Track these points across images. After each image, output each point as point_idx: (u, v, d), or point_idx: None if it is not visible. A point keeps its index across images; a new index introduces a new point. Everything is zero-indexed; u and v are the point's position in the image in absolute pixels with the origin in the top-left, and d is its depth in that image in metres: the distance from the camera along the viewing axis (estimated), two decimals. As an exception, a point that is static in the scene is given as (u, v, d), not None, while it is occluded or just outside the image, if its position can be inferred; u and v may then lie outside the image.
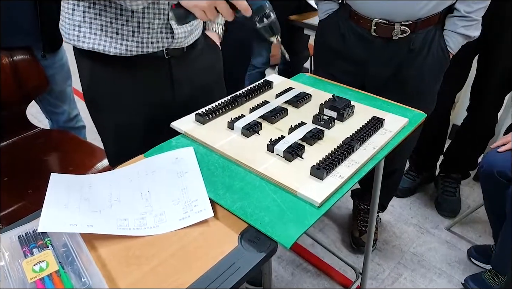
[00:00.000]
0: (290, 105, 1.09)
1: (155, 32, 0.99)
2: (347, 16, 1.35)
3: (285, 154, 0.87)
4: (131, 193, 0.81)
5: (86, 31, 0.96)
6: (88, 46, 0.98)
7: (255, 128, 0.96)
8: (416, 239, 1.86)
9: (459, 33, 1.27)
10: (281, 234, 0.70)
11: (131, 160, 0.90)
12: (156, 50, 1.02)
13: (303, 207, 0.76)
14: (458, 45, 1.30)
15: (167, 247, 0.70)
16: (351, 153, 0.89)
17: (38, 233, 0.69)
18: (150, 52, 1.01)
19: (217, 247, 0.69)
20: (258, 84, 1.17)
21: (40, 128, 1.70)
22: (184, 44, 1.07)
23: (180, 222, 0.74)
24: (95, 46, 0.97)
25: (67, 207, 0.74)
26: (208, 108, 1.03)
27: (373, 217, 1.37)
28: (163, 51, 1.04)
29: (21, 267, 0.63)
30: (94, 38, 0.97)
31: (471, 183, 2.21)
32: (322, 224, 1.92)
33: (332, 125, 0.99)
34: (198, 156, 0.90)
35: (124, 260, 0.67)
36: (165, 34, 1.01)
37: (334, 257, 1.71)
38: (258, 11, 0.85)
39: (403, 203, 2.06)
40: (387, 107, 1.10)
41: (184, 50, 1.08)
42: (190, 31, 1.07)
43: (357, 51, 1.36)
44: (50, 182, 0.79)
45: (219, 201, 0.78)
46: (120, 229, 0.71)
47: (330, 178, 0.82)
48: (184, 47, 1.07)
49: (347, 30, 1.36)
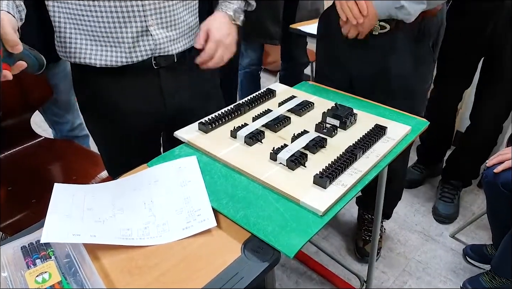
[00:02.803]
0: (293, 113, 1.09)
1: (135, 41, 0.97)
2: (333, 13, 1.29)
3: (288, 162, 0.87)
4: (134, 202, 0.81)
5: (72, 46, 0.97)
6: (75, 60, 0.99)
7: (258, 137, 0.96)
8: (421, 246, 1.84)
9: None
10: (284, 243, 0.70)
11: (134, 169, 0.91)
12: (141, 60, 0.99)
13: (306, 216, 0.76)
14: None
15: (170, 256, 0.70)
16: (354, 161, 0.88)
17: (41, 244, 0.69)
18: (135, 62, 0.99)
19: (220, 256, 0.69)
20: (260, 93, 1.18)
21: (44, 138, 1.70)
22: (172, 51, 1.03)
23: (183, 232, 0.74)
24: (81, 60, 0.98)
25: (70, 217, 0.74)
26: (211, 117, 1.04)
27: (377, 226, 1.36)
28: (151, 61, 1.01)
29: (24, 278, 0.63)
30: (79, 51, 0.97)
31: (476, 189, 2.20)
32: (326, 232, 1.91)
33: (335, 133, 0.99)
34: (201, 164, 0.90)
35: (127, 270, 0.67)
36: (146, 41, 0.98)
37: (338, 265, 1.70)
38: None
39: (407, 210, 2.05)
40: (390, 115, 1.10)
41: (175, 59, 1.05)
42: (176, 37, 1.03)
43: (341, 50, 1.35)
44: (53, 191, 0.79)
45: (222, 210, 0.78)
46: (123, 239, 0.71)
47: (333, 187, 0.81)
48: (174, 55, 1.04)
49: (331, 29, 1.34)
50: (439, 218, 1.99)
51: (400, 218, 2.01)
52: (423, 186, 2.19)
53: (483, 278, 1.56)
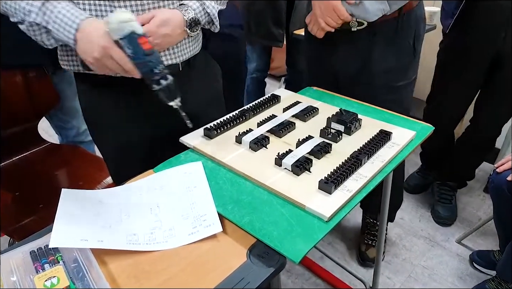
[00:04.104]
0: (297, 119, 1.09)
1: None
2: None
3: (293, 167, 0.87)
4: (140, 208, 0.81)
5: (74, 54, 0.96)
6: (78, 68, 0.98)
7: (263, 143, 0.97)
8: (427, 252, 1.83)
9: None
10: (289, 248, 0.70)
11: (140, 174, 0.91)
12: None
13: (312, 221, 0.76)
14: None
15: (176, 262, 0.70)
16: (359, 166, 0.89)
17: (50, 249, 0.70)
18: None
19: (225, 262, 0.70)
20: (265, 99, 1.18)
21: (50, 143, 1.72)
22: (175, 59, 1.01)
23: (189, 237, 0.74)
24: (84, 68, 0.97)
25: (78, 222, 0.75)
26: (216, 123, 1.04)
27: (382, 232, 1.36)
28: None
29: (33, 282, 0.64)
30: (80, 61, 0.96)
31: (482, 195, 2.19)
32: (331, 237, 1.91)
33: (339, 139, 1.00)
34: (207, 170, 0.91)
35: (134, 275, 0.68)
36: None
37: (343, 270, 1.69)
38: (147, 75, 0.83)
39: (412, 216, 2.04)
40: (395, 121, 1.10)
41: (180, 68, 1.04)
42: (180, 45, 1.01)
43: (323, 48, 1.37)
44: (61, 197, 0.80)
45: (227, 216, 0.78)
46: (129, 244, 0.72)
47: (338, 192, 0.82)
48: (179, 64, 1.03)
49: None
50: (440, 220, 1.99)
51: (405, 223, 2.00)
52: (427, 192, 2.19)
53: (489, 284, 1.55)
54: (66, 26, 0.84)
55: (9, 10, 0.87)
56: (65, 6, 0.85)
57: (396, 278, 1.71)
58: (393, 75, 1.33)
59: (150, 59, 0.81)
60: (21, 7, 0.84)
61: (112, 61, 0.83)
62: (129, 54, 0.81)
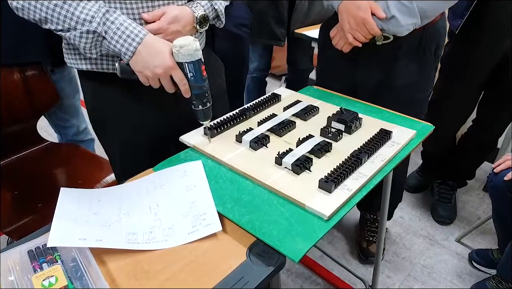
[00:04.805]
0: (298, 118, 1.09)
1: None
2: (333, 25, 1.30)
3: (293, 166, 0.87)
4: (140, 206, 0.81)
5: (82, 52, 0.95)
6: (87, 67, 0.98)
7: (263, 142, 0.96)
8: (426, 251, 1.83)
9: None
10: (289, 247, 0.70)
11: (140, 173, 0.91)
12: None
13: (312, 220, 0.76)
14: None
15: (175, 261, 0.70)
16: (359, 165, 0.88)
17: (48, 248, 0.69)
18: None
19: (225, 260, 0.69)
20: (266, 98, 1.18)
21: (50, 142, 1.71)
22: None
23: (189, 236, 0.74)
24: (93, 67, 0.97)
25: (77, 221, 0.74)
26: (216, 122, 1.04)
27: (382, 229, 1.36)
28: None
29: (30, 282, 0.64)
30: (89, 58, 0.96)
31: (481, 194, 2.19)
32: (331, 236, 1.91)
33: (340, 138, 0.99)
34: (207, 169, 0.91)
35: (133, 274, 0.67)
36: None
37: (343, 269, 1.69)
38: (198, 97, 0.91)
39: (412, 214, 2.04)
40: (395, 120, 1.09)
41: None
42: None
43: (342, 61, 1.33)
44: (60, 196, 0.80)
45: (227, 215, 0.78)
46: (129, 243, 0.72)
47: (338, 191, 0.81)
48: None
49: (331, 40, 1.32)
50: (440, 219, 1.99)
51: (405, 222, 2.00)
52: (427, 191, 2.18)
53: (489, 283, 1.55)
54: (128, 38, 0.85)
55: (50, 18, 0.85)
56: (126, 18, 0.87)
57: (396, 277, 1.70)
58: (413, 89, 1.31)
59: (205, 84, 0.90)
60: (75, 16, 0.84)
61: (169, 80, 0.89)
62: (189, 76, 0.88)
